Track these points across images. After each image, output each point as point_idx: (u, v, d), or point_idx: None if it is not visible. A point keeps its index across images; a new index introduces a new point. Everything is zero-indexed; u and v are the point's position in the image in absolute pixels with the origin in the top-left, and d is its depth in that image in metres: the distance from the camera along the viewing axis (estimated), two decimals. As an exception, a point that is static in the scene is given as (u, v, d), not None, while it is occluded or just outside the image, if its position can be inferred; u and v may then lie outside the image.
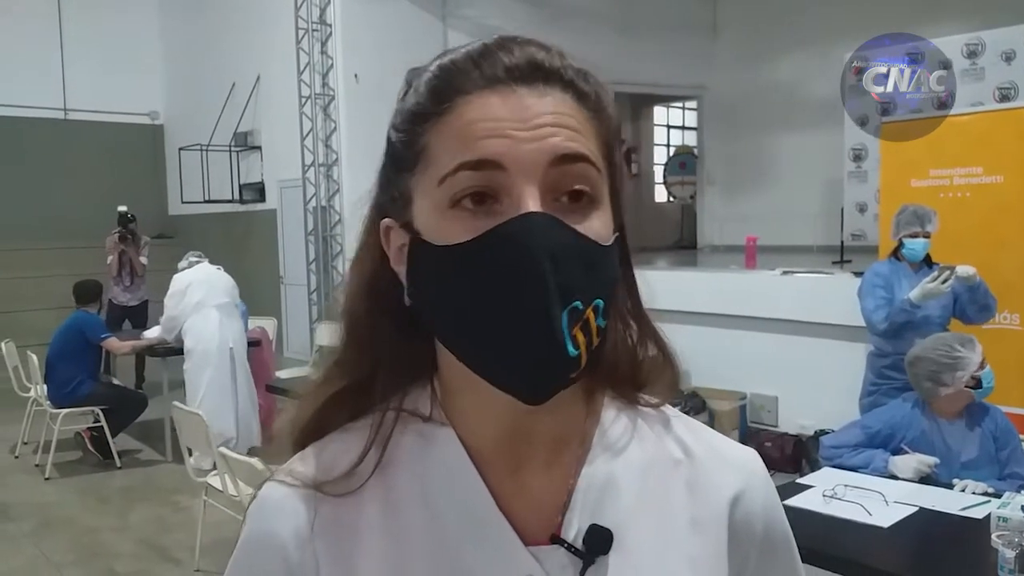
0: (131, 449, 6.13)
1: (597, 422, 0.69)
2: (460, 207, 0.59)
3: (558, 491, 0.66)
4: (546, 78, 0.61)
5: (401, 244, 0.64)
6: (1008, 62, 6.79)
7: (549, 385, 0.59)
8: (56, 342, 5.82)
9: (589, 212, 0.61)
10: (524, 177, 0.58)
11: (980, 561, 2.15)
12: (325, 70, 8.25)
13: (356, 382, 0.68)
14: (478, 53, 0.62)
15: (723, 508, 0.69)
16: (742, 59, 9.85)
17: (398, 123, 0.65)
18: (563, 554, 0.63)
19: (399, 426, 0.67)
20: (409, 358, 0.68)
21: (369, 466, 0.65)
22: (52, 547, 4.48)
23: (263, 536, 0.66)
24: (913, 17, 7.20)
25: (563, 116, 0.60)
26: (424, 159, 0.62)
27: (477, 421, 0.65)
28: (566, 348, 0.57)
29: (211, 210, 9.72)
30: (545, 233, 0.57)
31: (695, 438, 0.72)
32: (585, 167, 0.60)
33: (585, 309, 0.58)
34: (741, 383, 5.83)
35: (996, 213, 4.39)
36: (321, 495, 0.65)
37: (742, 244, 7.06)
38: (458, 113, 0.60)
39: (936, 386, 2.82)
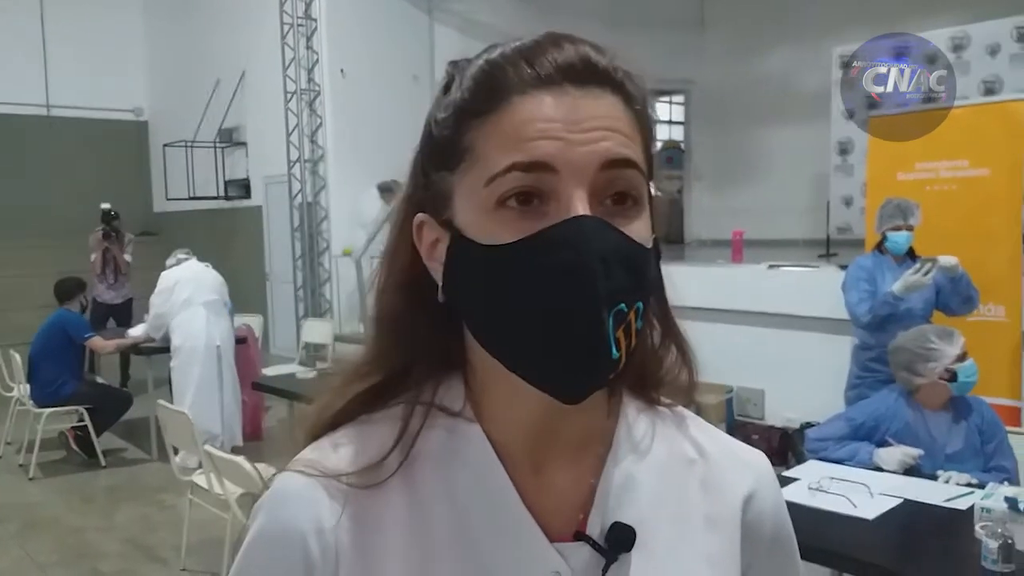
0: (116, 448, 6.09)
1: (619, 421, 0.69)
2: (506, 207, 0.59)
3: (581, 489, 0.66)
4: (599, 80, 0.60)
5: (435, 240, 0.64)
6: (993, 55, 6.82)
7: (589, 385, 0.59)
8: (38, 341, 5.77)
9: (633, 215, 0.61)
10: (574, 180, 0.58)
11: (964, 552, 2.16)
12: (310, 65, 8.22)
13: (389, 377, 0.68)
14: (529, 49, 0.61)
15: (736, 507, 0.71)
16: (729, 53, 9.85)
17: (441, 118, 0.63)
18: (587, 551, 0.64)
19: (427, 420, 0.67)
20: (441, 353, 0.67)
21: (395, 460, 0.64)
22: (37, 548, 4.45)
23: (281, 527, 0.64)
24: (899, 11, 7.22)
25: (614, 120, 0.60)
26: (470, 157, 0.61)
27: (505, 418, 0.65)
28: (611, 350, 0.57)
29: (196, 207, 9.68)
30: (596, 236, 0.57)
31: (708, 439, 0.74)
32: (633, 173, 0.61)
33: (629, 312, 0.58)
34: (727, 376, 5.84)
35: (982, 206, 4.41)
36: (343, 487, 0.64)
37: (729, 238, 7.07)
38: (509, 112, 0.59)
39: (911, 376, 2.84)
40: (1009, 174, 4.39)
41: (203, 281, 5.69)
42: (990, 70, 6.78)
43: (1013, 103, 4.61)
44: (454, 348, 0.67)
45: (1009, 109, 4.55)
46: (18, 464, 5.80)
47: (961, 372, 2.78)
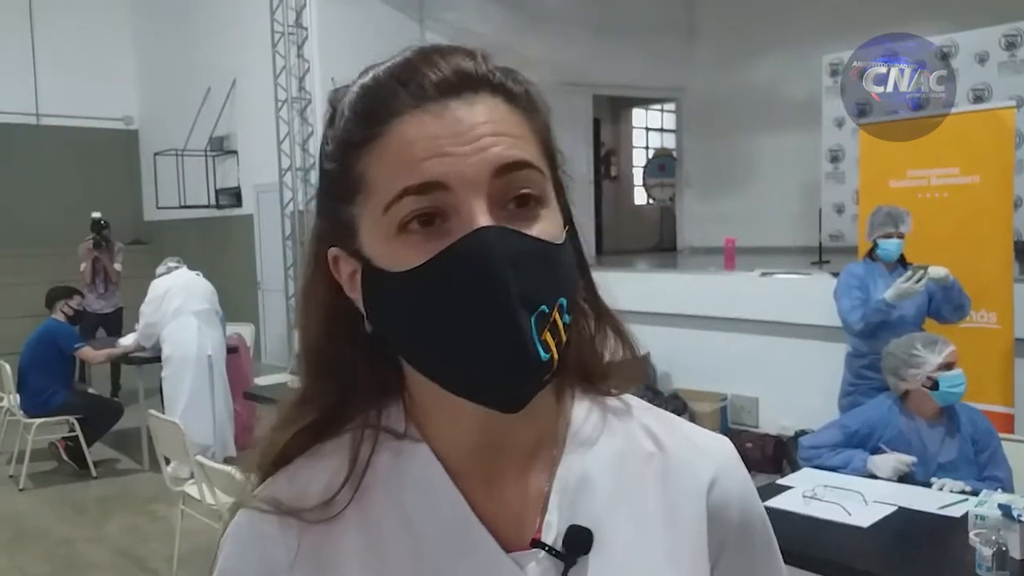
0: (107, 459, 6.05)
1: (568, 421, 0.68)
2: (408, 231, 0.58)
3: (534, 495, 0.65)
4: (475, 86, 0.60)
5: (352, 271, 0.63)
6: (982, 64, 6.87)
7: (525, 392, 0.58)
8: (28, 352, 5.73)
9: (538, 213, 0.60)
10: (470, 193, 0.57)
11: (958, 559, 2.16)
12: (301, 74, 8.22)
13: (326, 413, 0.67)
14: (402, 69, 0.60)
15: (699, 497, 0.69)
16: (720, 61, 9.90)
17: (330, 152, 0.63)
18: (544, 557, 0.63)
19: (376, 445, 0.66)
20: (378, 380, 0.67)
21: (348, 492, 0.64)
22: (27, 559, 4.42)
23: (239, 566, 0.65)
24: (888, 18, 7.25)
25: (499, 123, 0.59)
26: (364, 187, 0.60)
27: (450, 434, 0.65)
28: (538, 354, 0.57)
29: (187, 215, 9.65)
30: (500, 244, 0.56)
31: (666, 429, 0.72)
32: (528, 172, 0.60)
33: (551, 311, 0.58)
34: (721, 384, 5.85)
35: (973, 213, 4.43)
36: (299, 522, 0.64)
37: (721, 246, 7.09)
38: (392, 136, 0.59)
39: (898, 381, 2.88)
40: (999, 181, 4.42)
41: (194, 290, 5.66)
42: (979, 78, 6.83)
43: (1002, 110, 4.64)
44: (390, 373, 0.66)
45: (998, 116, 4.58)
46: (8, 475, 5.75)
47: (943, 381, 2.78)
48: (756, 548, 0.72)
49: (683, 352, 6.00)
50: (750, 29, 9.50)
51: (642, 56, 9.56)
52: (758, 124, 9.52)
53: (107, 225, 7.93)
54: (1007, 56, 6.83)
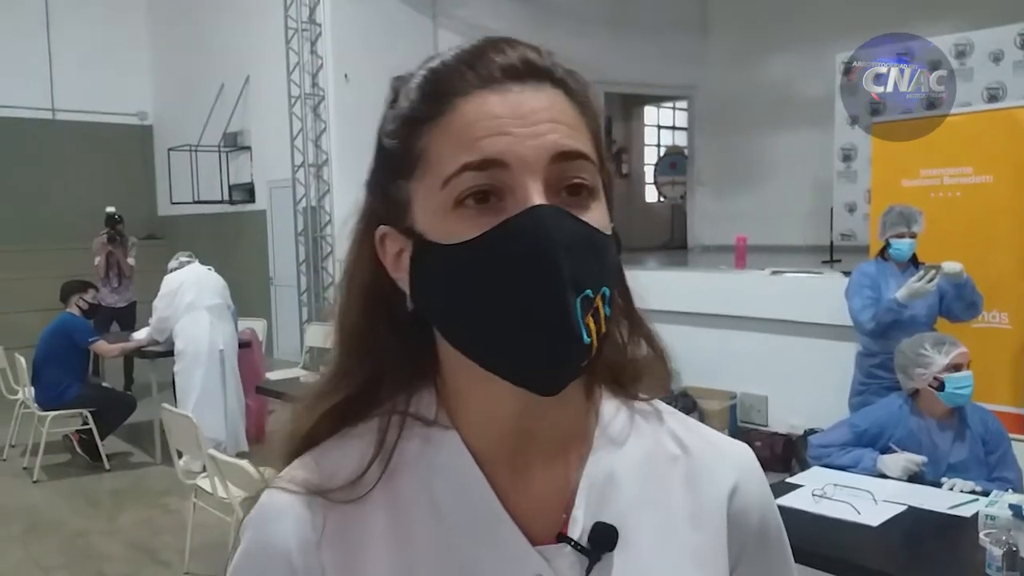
0: (120, 451, 6.09)
1: (597, 418, 0.69)
2: (464, 206, 0.59)
3: (562, 489, 0.66)
4: (539, 76, 0.62)
5: (399, 250, 0.64)
6: (996, 62, 6.83)
7: (564, 374, 0.59)
8: (43, 345, 5.78)
9: (588, 204, 0.62)
10: (527, 173, 0.59)
11: (968, 559, 2.16)
12: (315, 70, 8.25)
13: (358, 392, 0.68)
14: (470, 54, 0.62)
15: (721, 502, 0.70)
16: (732, 59, 9.87)
17: (390, 129, 0.65)
18: (570, 552, 0.64)
19: (403, 431, 0.67)
20: (412, 363, 0.67)
21: (375, 473, 0.65)
22: (41, 550, 4.46)
23: (266, 544, 0.65)
24: (903, 17, 7.22)
25: (558, 112, 0.61)
26: (423, 163, 0.62)
27: (481, 422, 0.65)
28: (581, 336, 0.58)
29: (200, 211, 9.70)
30: (555, 223, 0.58)
31: (690, 433, 0.73)
32: (583, 163, 0.61)
33: (595, 297, 0.59)
34: (731, 383, 5.84)
35: (986, 212, 4.41)
36: (326, 502, 0.64)
37: (732, 244, 7.07)
38: (456, 114, 0.60)
39: (906, 379, 2.89)
40: (1013, 181, 4.40)
41: (206, 285, 5.69)
42: (993, 77, 6.79)
43: (1016, 110, 4.62)
44: (424, 358, 0.67)
45: (1013, 116, 4.56)
46: (22, 467, 5.80)
47: (949, 382, 2.77)
48: (773, 553, 0.74)
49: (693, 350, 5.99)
50: (763, 27, 9.47)
51: (654, 53, 9.55)
52: (770, 122, 9.49)
53: (121, 220, 7.98)
54: (1022, 55, 6.79)
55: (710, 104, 10.44)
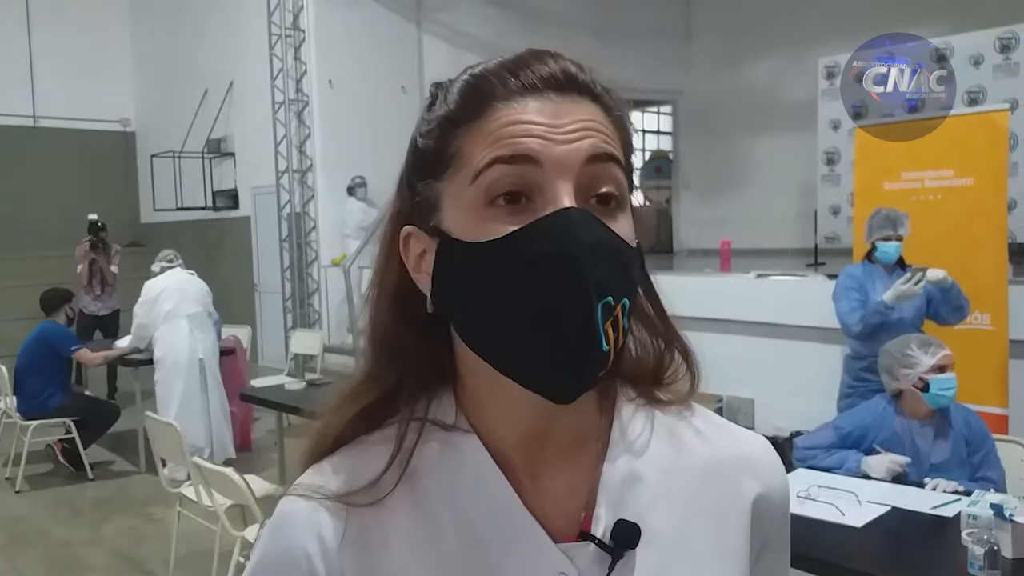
0: (104, 460, 6.05)
1: (613, 419, 0.70)
2: (494, 206, 0.60)
3: (581, 489, 0.67)
4: (579, 89, 0.63)
5: (422, 251, 0.65)
6: (976, 66, 6.89)
7: (581, 382, 0.60)
8: (24, 354, 5.73)
9: (617, 214, 0.62)
10: (559, 174, 0.59)
11: (951, 558, 2.17)
12: (299, 76, 8.23)
13: (386, 394, 0.68)
14: (513, 62, 0.63)
15: (746, 499, 0.70)
16: (716, 64, 9.92)
17: (426, 131, 0.65)
18: (592, 550, 0.64)
19: (423, 435, 0.67)
20: (431, 367, 0.68)
21: (393, 476, 0.65)
22: (24, 561, 4.42)
23: (286, 551, 0.65)
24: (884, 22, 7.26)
25: (595, 122, 0.62)
26: (456, 163, 0.62)
27: (499, 426, 0.66)
28: (601, 342, 0.58)
29: (184, 217, 9.65)
30: (583, 227, 0.58)
31: (713, 428, 0.74)
32: (616, 169, 0.62)
33: (616, 306, 0.59)
34: (717, 386, 5.85)
35: (967, 215, 4.44)
36: (346, 507, 0.65)
37: (717, 247, 7.10)
38: (494, 117, 0.61)
39: (891, 380, 2.90)
40: (993, 183, 4.44)
41: (188, 292, 5.59)
42: (974, 80, 6.86)
43: (996, 113, 4.66)
44: (444, 361, 0.68)
45: (992, 119, 4.60)
46: (4, 477, 5.75)
47: (934, 383, 2.79)
48: (784, 546, 0.76)
49: (679, 354, 6.00)
50: (746, 32, 9.53)
51: (639, 59, 9.58)
52: (754, 126, 9.55)
53: (104, 227, 7.92)
54: (1001, 59, 6.86)
55: (694, 108, 10.49)
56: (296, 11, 8.15)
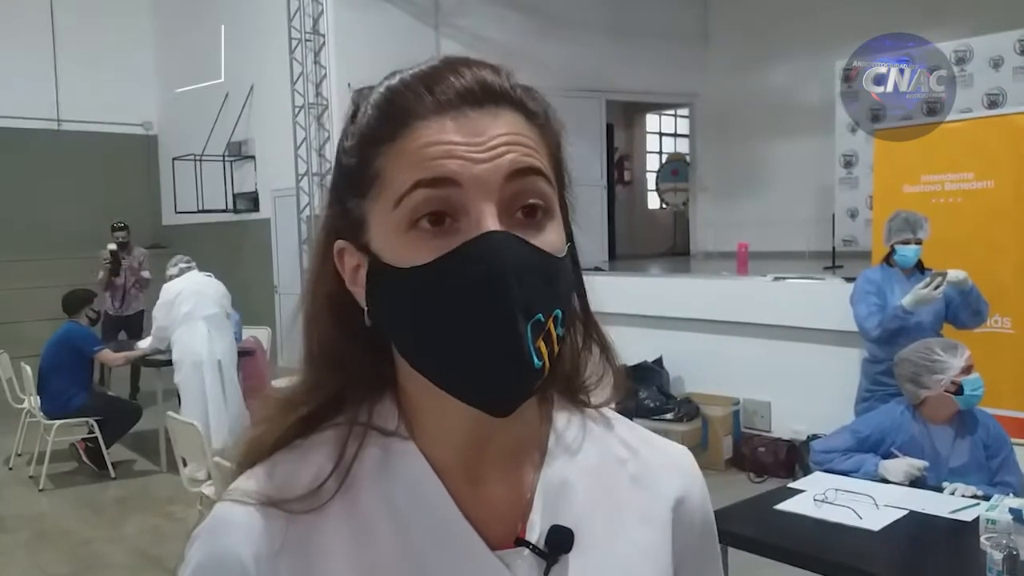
0: (125, 460, 6.11)
1: (551, 427, 0.71)
2: (418, 228, 0.60)
3: (518, 496, 0.68)
4: (496, 100, 0.62)
5: (356, 265, 0.65)
6: (996, 68, 6.85)
7: (516, 398, 0.60)
8: (48, 355, 5.80)
9: (544, 225, 0.62)
10: (481, 194, 0.59)
11: (969, 563, 2.17)
12: (318, 79, 8.28)
13: (326, 402, 0.68)
14: (428, 76, 0.62)
15: (668, 503, 0.73)
16: (733, 66, 9.90)
17: (349, 147, 0.65)
18: (528, 556, 0.65)
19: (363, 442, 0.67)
20: (372, 376, 0.68)
21: (334, 483, 0.65)
22: (47, 559, 4.47)
23: (221, 558, 0.63)
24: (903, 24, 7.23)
25: (516, 135, 0.61)
26: (379, 183, 0.62)
27: (438, 434, 0.66)
28: (532, 361, 0.58)
29: (205, 220, 9.72)
30: (506, 251, 0.58)
31: (636, 437, 0.76)
32: (539, 181, 0.62)
33: (547, 321, 0.60)
34: (734, 389, 5.85)
35: (988, 218, 4.42)
36: (282, 513, 0.64)
37: (734, 250, 7.09)
38: (412, 137, 0.60)
39: (917, 388, 2.85)
40: (1014, 186, 4.41)
41: (205, 294, 5.63)
42: (994, 83, 6.81)
43: (1017, 115, 4.64)
44: (384, 369, 0.68)
45: (1013, 122, 4.58)
46: (28, 475, 5.82)
47: (967, 385, 2.78)
48: (709, 553, 0.78)
49: (696, 356, 6.01)
50: (763, 35, 9.50)
51: (656, 61, 9.59)
52: (771, 129, 9.51)
53: (124, 226, 7.98)
54: (1022, 61, 6.81)
55: (711, 111, 10.46)
56: (316, 15, 8.21)
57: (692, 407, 5.73)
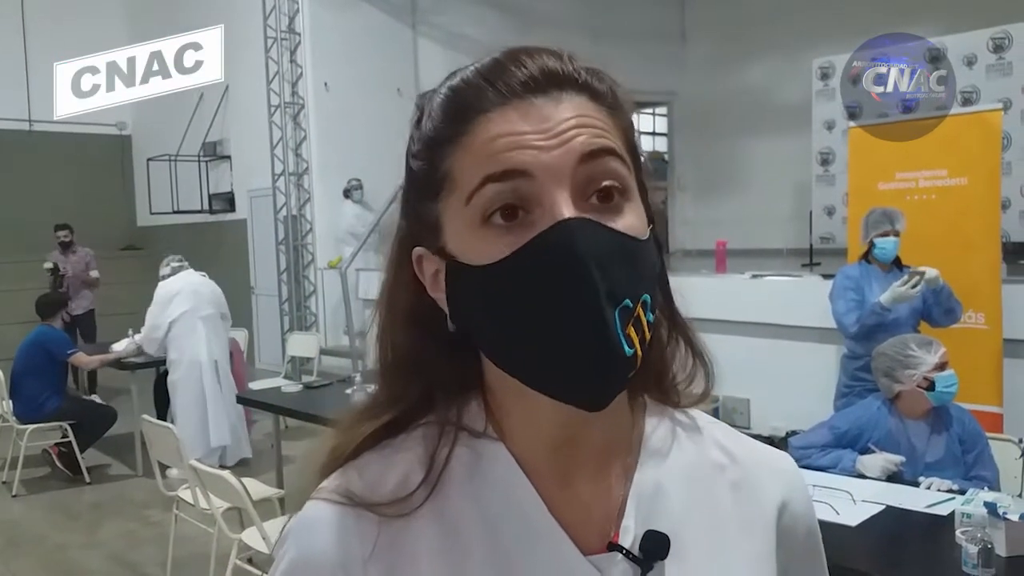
0: (101, 464, 6.04)
1: (641, 430, 0.69)
2: (491, 224, 0.58)
3: (609, 500, 0.66)
4: (561, 84, 0.60)
5: (436, 271, 0.64)
6: (970, 66, 6.91)
7: (609, 389, 0.58)
8: (20, 358, 5.72)
9: (622, 207, 0.60)
10: (553, 182, 0.57)
11: (945, 557, 2.18)
12: (294, 79, 8.23)
13: (410, 407, 0.67)
14: (489, 69, 0.61)
15: (771, 511, 0.70)
16: (711, 65, 9.94)
17: (417, 151, 0.64)
18: (622, 562, 0.63)
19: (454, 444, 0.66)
20: (457, 380, 0.67)
21: (426, 487, 0.64)
22: (20, 566, 4.41)
23: (312, 558, 0.63)
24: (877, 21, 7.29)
25: (584, 117, 0.59)
26: (449, 183, 0.61)
27: (527, 434, 0.65)
28: (623, 349, 0.56)
29: (180, 221, 9.65)
30: (585, 237, 0.56)
31: (734, 442, 0.73)
32: (613, 161, 0.60)
33: (635, 306, 0.58)
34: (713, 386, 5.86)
35: (961, 214, 4.46)
36: (373, 516, 0.63)
37: (713, 248, 7.11)
38: (478, 132, 0.59)
39: (891, 383, 2.88)
40: (986, 182, 4.45)
41: (202, 295, 5.60)
42: (967, 80, 6.87)
43: (989, 113, 4.68)
44: (470, 372, 0.66)
45: (985, 119, 4.62)
46: (1, 481, 5.74)
47: (939, 381, 2.80)
48: (817, 560, 0.75)
49: (675, 354, 6.01)
50: (740, 33, 9.55)
51: (634, 60, 9.58)
52: (749, 127, 9.56)
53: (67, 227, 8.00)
54: (995, 59, 6.88)
55: (689, 110, 10.51)
56: (292, 14, 8.16)
57: (671, 405, 5.74)
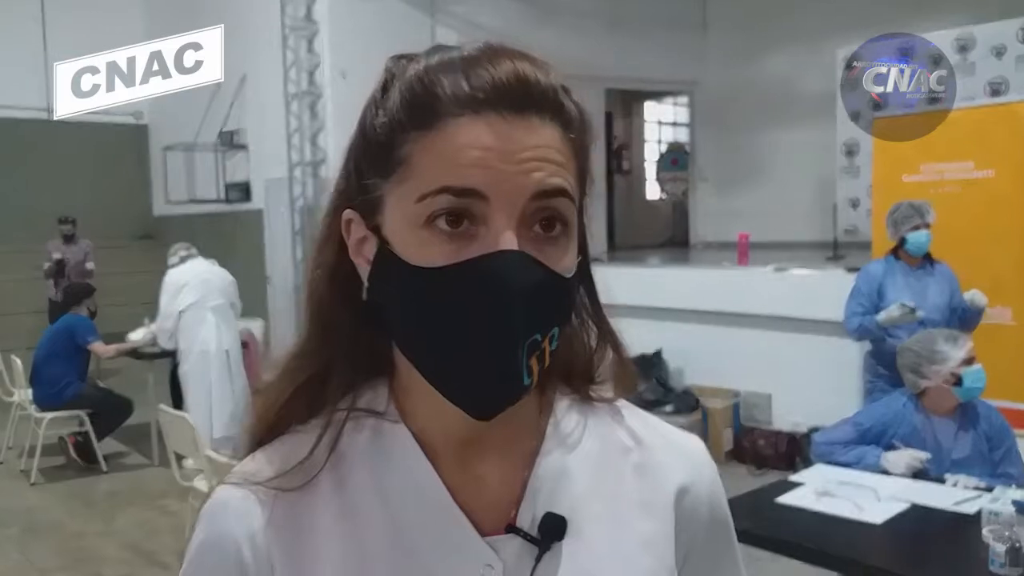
0: (117, 453, 6.08)
1: (550, 415, 0.70)
2: (434, 227, 0.59)
3: (512, 483, 0.67)
4: (536, 105, 0.60)
5: (362, 237, 0.65)
6: (999, 57, 6.78)
7: (500, 407, 0.61)
8: (45, 343, 5.77)
9: (559, 241, 0.62)
10: (504, 208, 0.59)
11: (971, 556, 2.14)
12: (311, 68, 8.21)
13: (316, 374, 0.68)
14: (466, 63, 0.61)
15: (671, 493, 0.71)
16: (733, 54, 9.84)
17: (378, 122, 0.63)
18: (519, 542, 0.65)
19: (353, 423, 0.67)
20: (366, 352, 0.68)
21: (320, 458, 0.66)
22: (38, 553, 4.44)
23: (217, 538, 0.66)
24: (904, 11, 7.19)
25: (548, 150, 0.60)
26: (404, 170, 0.61)
27: (430, 418, 0.66)
28: (522, 379, 0.59)
29: (196, 210, 9.67)
30: (518, 273, 0.58)
31: (643, 426, 0.74)
32: (563, 201, 0.61)
33: (543, 340, 0.60)
34: (734, 381, 5.81)
35: (988, 207, 4.38)
36: (276, 495, 0.65)
37: (735, 240, 7.04)
38: (446, 133, 0.59)
39: (917, 378, 2.83)
40: (1014, 175, 4.37)
41: (212, 284, 5.55)
42: (996, 71, 6.75)
43: (1018, 104, 4.59)
44: (381, 347, 0.67)
45: (1014, 110, 4.53)
46: (19, 469, 5.78)
47: (967, 377, 2.75)
48: (721, 548, 0.75)
49: (696, 348, 5.97)
50: (763, 23, 9.44)
51: (655, 49, 9.52)
52: (772, 118, 9.45)
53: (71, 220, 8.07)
54: (1024, 49, 6.76)
55: (711, 100, 10.40)
56: (309, 3, 8.14)
57: (692, 399, 5.69)
